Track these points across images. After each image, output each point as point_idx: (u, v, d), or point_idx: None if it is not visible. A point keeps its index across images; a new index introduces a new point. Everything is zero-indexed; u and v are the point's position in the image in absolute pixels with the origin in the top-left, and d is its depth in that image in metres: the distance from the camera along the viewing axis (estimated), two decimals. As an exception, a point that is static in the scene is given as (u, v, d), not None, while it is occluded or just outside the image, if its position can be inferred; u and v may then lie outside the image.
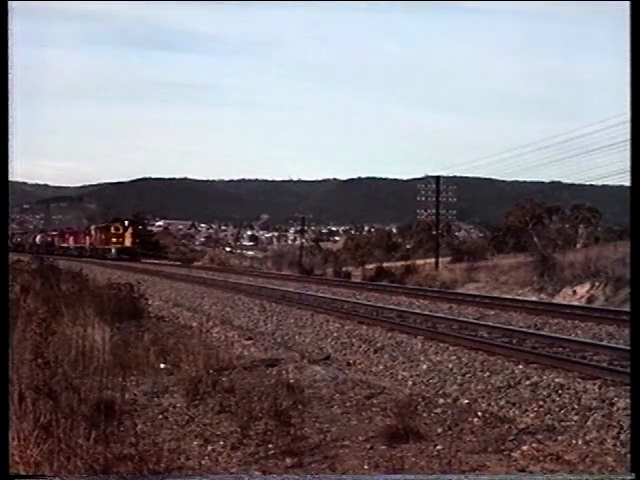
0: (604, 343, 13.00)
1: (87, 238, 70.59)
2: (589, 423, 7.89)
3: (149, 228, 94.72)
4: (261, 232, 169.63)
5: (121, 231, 63.55)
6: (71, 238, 77.88)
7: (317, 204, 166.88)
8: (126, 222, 65.40)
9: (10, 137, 5.01)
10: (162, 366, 10.30)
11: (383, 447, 6.77)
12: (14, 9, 4.95)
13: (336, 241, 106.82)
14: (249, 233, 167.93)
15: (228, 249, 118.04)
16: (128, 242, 63.14)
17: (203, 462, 6.40)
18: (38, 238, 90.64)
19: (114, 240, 62.76)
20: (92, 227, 72.03)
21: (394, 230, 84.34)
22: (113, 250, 61.78)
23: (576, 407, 8.51)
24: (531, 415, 8.39)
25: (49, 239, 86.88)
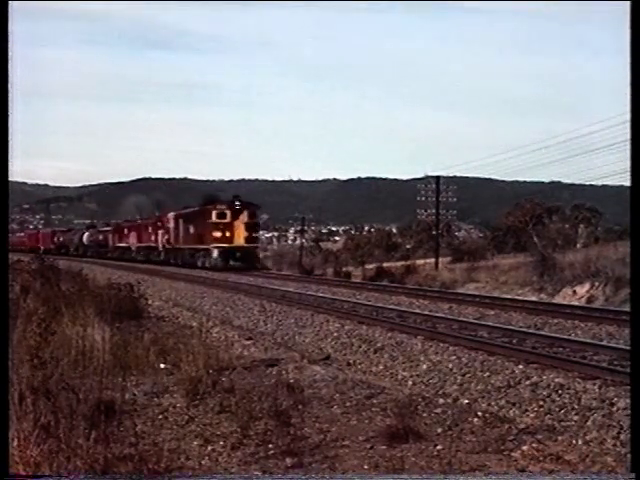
0: (604, 343, 12.99)
1: (161, 233, 49.59)
2: (589, 423, 7.89)
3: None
4: (261, 232, 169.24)
5: (228, 219, 40.29)
6: (133, 235, 57.67)
7: (317, 204, 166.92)
8: (237, 204, 41.08)
9: (10, 137, 5.01)
10: (162, 366, 10.30)
11: (383, 447, 6.77)
12: (14, 9, 4.95)
13: (336, 241, 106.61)
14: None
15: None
16: (240, 238, 40.38)
17: (203, 462, 6.40)
18: (86, 237, 72.82)
19: (216, 235, 40.11)
20: (171, 215, 48.25)
21: (394, 230, 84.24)
22: (215, 252, 40.11)
23: (576, 407, 8.51)
24: (531, 415, 8.39)
25: (100, 237, 68.85)
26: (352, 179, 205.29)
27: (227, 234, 40.28)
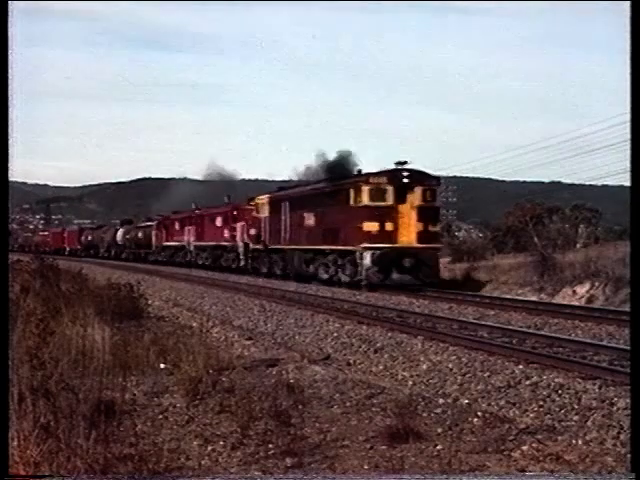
0: (604, 343, 13.00)
1: (242, 227, 36.03)
2: (589, 423, 7.88)
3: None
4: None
5: (390, 201, 24.92)
6: (190, 230, 43.60)
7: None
8: (406, 175, 25.28)
9: (10, 137, 5.01)
10: (162, 366, 10.30)
11: (383, 447, 6.77)
12: (14, 9, 4.95)
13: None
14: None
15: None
16: (411, 234, 24.91)
17: (203, 462, 6.40)
18: (120, 235, 59.53)
19: (370, 228, 24.69)
20: (264, 199, 33.47)
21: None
22: (367, 259, 24.40)
23: (576, 407, 8.50)
24: (531, 415, 8.38)
25: (140, 235, 54.45)
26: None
27: (388, 227, 24.45)
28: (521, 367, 10.73)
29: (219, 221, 40.84)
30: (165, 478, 5.77)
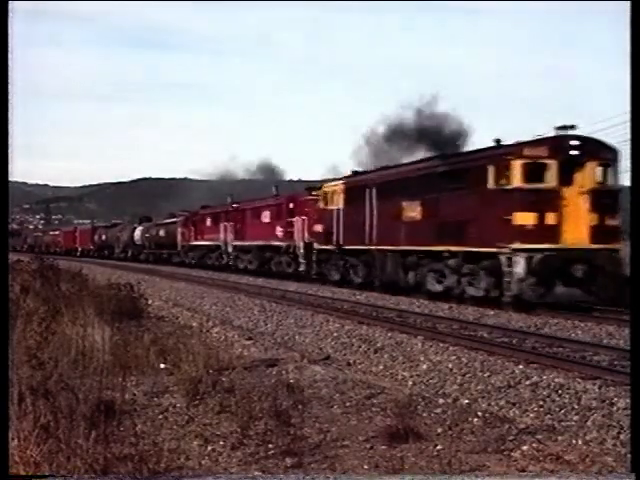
0: (604, 343, 13.01)
1: (301, 224, 29.98)
2: (589, 423, 7.89)
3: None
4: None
5: (552, 182, 17.65)
6: (227, 227, 37.21)
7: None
8: (575, 145, 17.84)
9: (10, 137, 5.02)
10: (162, 366, 10.30)
11: (383, 447, 6.77)
12: (14, 9, 4.95)
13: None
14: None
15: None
16: (582, 230, 17.62)
17: (203, 462, 6.40)
18: (139, 233, 52.26)
19: (523, 222, 17.46)
20: (336, 187, 26.65)
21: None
22: (520, 264, 17.29)
23: (576, 407, 8.51)
24: (531, 415, 8.38)
25: (162, 233, 47.77)
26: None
27: (550, 219, 17.76)
28: (521, 367, 10.74)
29: (268, 216, 33.88)
30: (165, 478, 5.77)
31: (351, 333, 14.71)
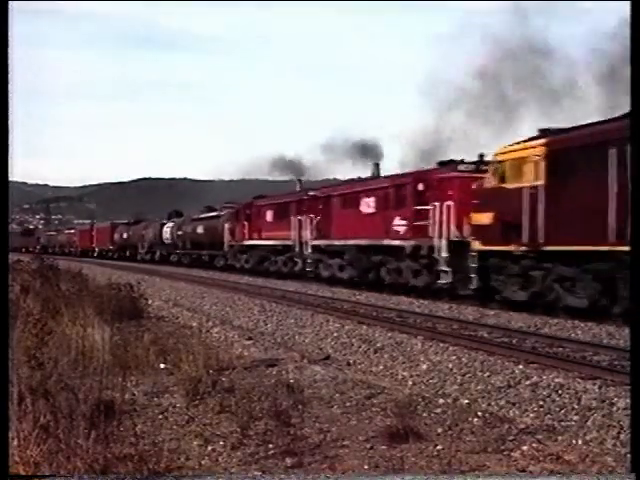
0: (604, 343, 13.01)
1: (447, 211, 20.93)
2: (589, 423, 7.88)
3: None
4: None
5: None
6: (302, 222, 29.61)
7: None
8: None
9: (10, 137, 5.02)
10: (162, 366, 10.30)
11: (383, 447, 6.77)
12: (14, 9, 4.95)
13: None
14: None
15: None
16: None
17: (203, 462, 6.40)
18: (168, 231, 45.89)
19: None
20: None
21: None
22: None
23: (576, 407, 8.50)
24: (531, 415, 8.38)
25: (200, 230, 41.27)
26: (352, 179, 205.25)
27: None
28: (521, 367, 10.74)
29: (372, 204, 24.90)
30: (165, 478, 5.77)
31: (351, 333, 14.70)
